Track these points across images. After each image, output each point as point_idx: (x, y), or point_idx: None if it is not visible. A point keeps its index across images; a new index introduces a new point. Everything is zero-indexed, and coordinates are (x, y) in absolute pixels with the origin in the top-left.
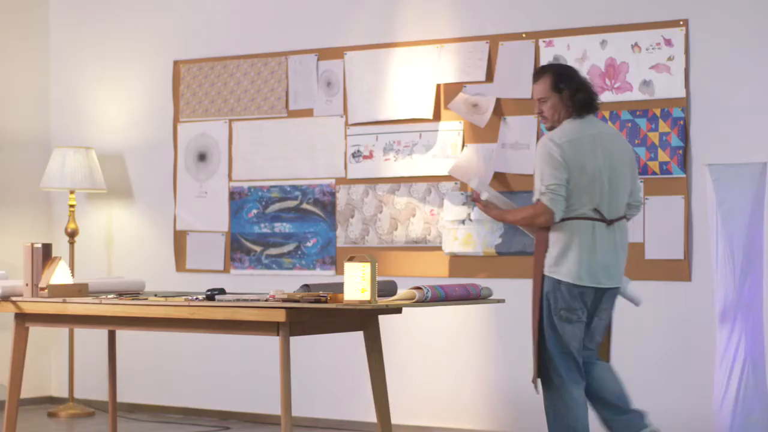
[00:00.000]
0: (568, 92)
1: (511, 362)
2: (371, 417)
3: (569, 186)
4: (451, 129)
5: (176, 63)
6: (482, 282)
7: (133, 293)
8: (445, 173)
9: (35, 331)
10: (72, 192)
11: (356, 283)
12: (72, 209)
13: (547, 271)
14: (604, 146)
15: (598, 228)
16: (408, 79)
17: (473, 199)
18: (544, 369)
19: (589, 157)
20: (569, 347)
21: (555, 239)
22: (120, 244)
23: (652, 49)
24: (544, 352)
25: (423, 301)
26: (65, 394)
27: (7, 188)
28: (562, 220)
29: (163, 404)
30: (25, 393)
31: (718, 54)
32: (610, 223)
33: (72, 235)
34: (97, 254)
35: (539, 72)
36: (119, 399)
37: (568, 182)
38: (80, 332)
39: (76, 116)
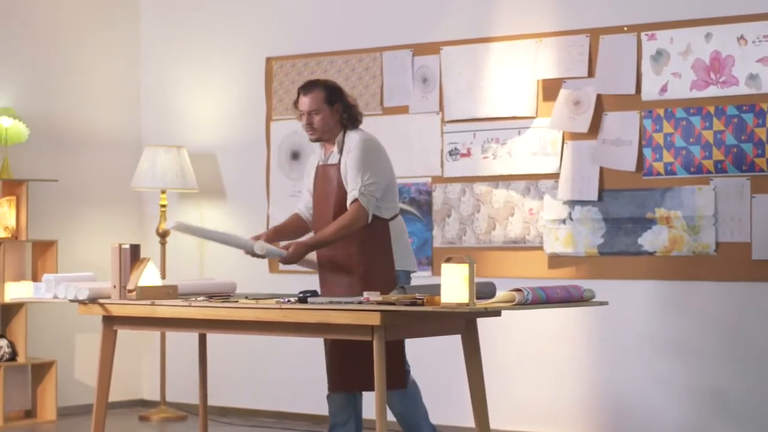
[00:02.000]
0: (341, 106)
1: (612, 366)
2: (469, 422)
3: (390, 186)
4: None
5: (269, 60)
6: (583, 283)
7: (224, 295)
8: (547, 171)
9: (127, 334)
10: (163, 192)
11: (454, 285)
12: (163, 209)
13: (398, 266)
14: None
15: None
16: (506, 75)
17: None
18: (399, 363)
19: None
20: None
21: (394, 237)
22: (212, 245)
23: (759, 41)
24: (397, 349)
25: (523, 304)
26: (157, 398)
27: (97, 188)
28: (392, 217)
29: (255, 408)
30: (117, 396)
31: None
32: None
33: (163, 235)
34: (188, 255)
35: (309, 85)
36: (211, 402)
37: (384, 184)
38: (172, 335)
39: (166, 115)
